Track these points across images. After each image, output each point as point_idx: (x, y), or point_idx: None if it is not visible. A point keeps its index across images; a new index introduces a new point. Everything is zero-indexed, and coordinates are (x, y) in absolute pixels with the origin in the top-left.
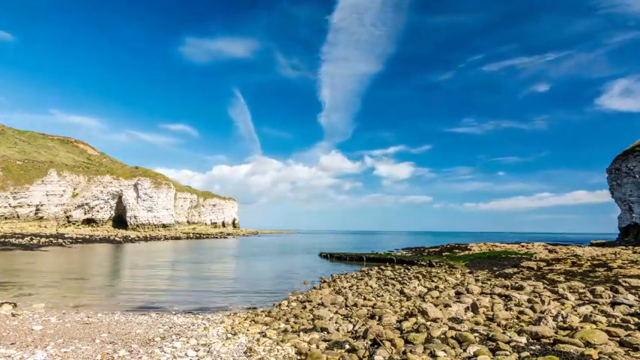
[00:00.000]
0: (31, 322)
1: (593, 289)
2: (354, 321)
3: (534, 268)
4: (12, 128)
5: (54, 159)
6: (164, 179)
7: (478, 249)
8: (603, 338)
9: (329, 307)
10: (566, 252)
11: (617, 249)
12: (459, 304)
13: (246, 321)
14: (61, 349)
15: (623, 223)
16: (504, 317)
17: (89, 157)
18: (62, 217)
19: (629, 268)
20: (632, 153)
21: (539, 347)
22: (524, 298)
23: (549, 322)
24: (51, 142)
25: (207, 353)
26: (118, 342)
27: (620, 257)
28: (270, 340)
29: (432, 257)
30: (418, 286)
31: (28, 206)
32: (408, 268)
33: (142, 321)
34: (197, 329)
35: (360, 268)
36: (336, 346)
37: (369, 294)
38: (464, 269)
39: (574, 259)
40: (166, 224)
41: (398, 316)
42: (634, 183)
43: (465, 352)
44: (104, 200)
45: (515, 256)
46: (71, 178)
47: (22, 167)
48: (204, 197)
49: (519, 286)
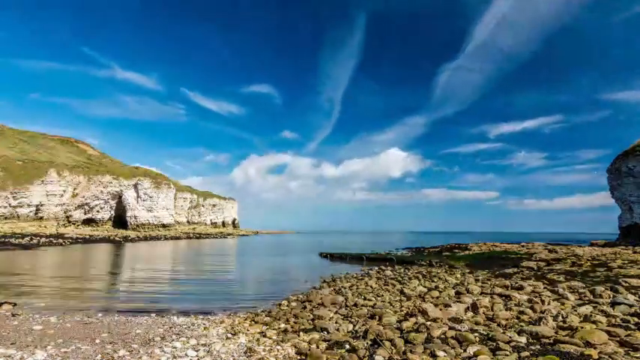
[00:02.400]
0: (31, 322)
1: (593, 289)
2: (354, 321)
3: (534, 268)
4: (12, 128)
5: (54, 159)
6: (164, 179)
7: (478, 249)
8: (603, 338)
9: (329, 307)
10: (566, 252)
11: (617, 249)
12: (459, 304)
13: (246, 321)
14: (61, 349)
15: (623, 223)
16: (504, 317)
17: (89, 157)
18: (62, 217)
19: (629, 268)
20: (632, 153)
21: (539, 347)
22: (524, 298)
23: (549, 322)
24: (51, 142)
25: (207, 353)
26: (118, 342)
27: (620, 257)
28: (270, 340)
29: (432, 257)
30: (418, 286)
31: (28, 206)
32: (408, 268)
33: (141, 321)
34: (197, 329)
35: (360, 267)
36: (336, 346)
37: (369, 294)
38: (464, 269)
39: (574, 259)
40: (166, 224)
41: (398, 316)
42: (634, 183)
43: (465, 352)
44: (104, 200)
45: (515, 256)
46: (71, 178)
47: (22, 167)
48: (204, 197)
49: (519, 286)
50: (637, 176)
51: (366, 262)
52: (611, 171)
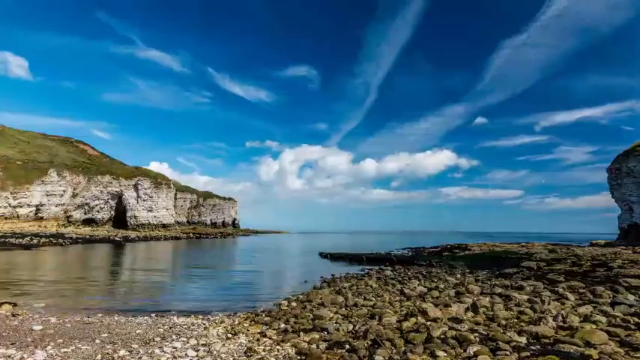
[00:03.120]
0: (31, 322)
1: (593, 289)
2: (354, 321)
3: (534, 268)
4: (12, 128)
5: (54, 159)
6: (164, 179)
7: (478, 249)
8: (603, 338)
9: (329, 307)
10: (567, 252)
11: (617, 249)
12: (459, 304)
13: (246, 321)
14: (61, 349)
15: (624, 223)
16: (504, 317)
17: (89, 157)
18: (62, 217)
19: (629, 268)
20: (632, 153)
21: (539, 347)
22: (524, 298)
23: (549, 322)
24: (51, 142)
25: (207, 353)
26: (118, 342)
27: (620, 257)
28: (270, 340)
29: (432, 257)
30: (418, 286)
31: (28, 206)
32: (408, 268)
33: (141, 321)
34: (197, 329)
35: (360, 267)
36: (336, 346)
37: (369, 294)
38: (464, 269)
39: (574, 259)
40: (166, 224)
41: (398, 316)
42: (634, 183)
43: (465, 352)
44: (104, 200)
45: (515, 256)
46: (71, 178)
47: (22, 167)
48: (204, 197)
49: (519, 286)
50: (637, 176)
51: (366, 262)
52: (611, 171)
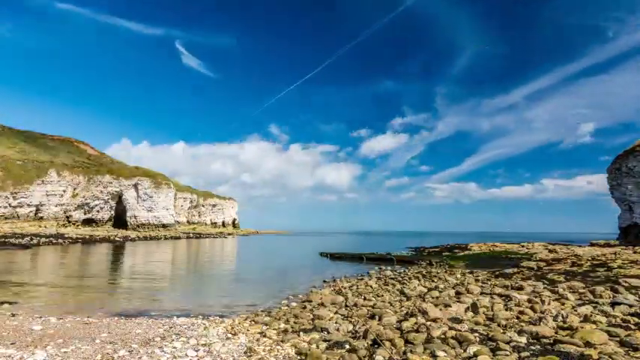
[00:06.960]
0: (30, 321)
1: (593, 289)
2: (354, 321)
3: (534, 268)
4: (12, 128)
5: (54, 159)
6: (164, 179)
7: (478, 249)
8: (603, 338)
9: (329, 307)
10: (566, 252)
11: (617, 249)
12: (459, 304)
13: (246, 321)
14: (61, 349)
15: (623, 223)
16: (504, 317)
17: (89, 157)
18: (62, 217)
19: (629, 268)
20: (632, 153)
21: (539, 347)
22: (524, 298)
23: (549, 322)
24: (51, 142)
25: (207, 353)
26: (118, 342)
27: (620, 257)
28: (270, 340)
29: (432, 257)
30: (418, 286)
31: (28, 206)
32: (408, 268)
33: (141, 321)
34: (197, 329)
35: (360, 267)
36: (336, 346)
37: (369, 294)
38: (464, 269)
39: (574, 259)
40: (166, 224)
41: (398, 316)
42: (634, 183)
43: (465, 352)
44: (104, 200)
45: (515, 256)
46: (71, 178)
47: (22, 167)
48: (204, 197)
49: (519, 286)
50: (637, 176)
51: (366, 262)
52: (611, 171)
